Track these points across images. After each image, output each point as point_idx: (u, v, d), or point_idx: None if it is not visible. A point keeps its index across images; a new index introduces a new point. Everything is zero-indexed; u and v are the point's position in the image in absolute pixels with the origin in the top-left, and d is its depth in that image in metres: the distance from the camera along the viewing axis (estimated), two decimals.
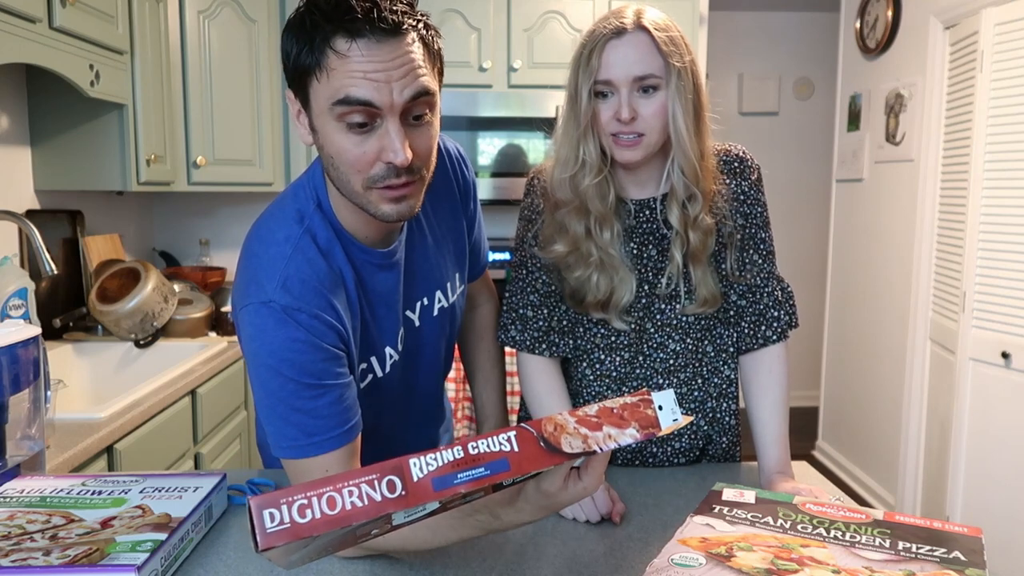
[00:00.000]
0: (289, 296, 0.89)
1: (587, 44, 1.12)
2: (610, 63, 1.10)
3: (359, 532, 0.66)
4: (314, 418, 0.90)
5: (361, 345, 1.00)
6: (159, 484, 1.03)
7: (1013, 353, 2.47)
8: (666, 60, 1.09)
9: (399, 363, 1.09)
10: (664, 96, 1.10)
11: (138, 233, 3.02)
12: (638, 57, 1.09)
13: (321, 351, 0.90)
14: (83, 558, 0.80)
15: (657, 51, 1.09)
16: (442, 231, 1.13)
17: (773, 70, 4.77)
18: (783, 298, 1.25)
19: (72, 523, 0.91)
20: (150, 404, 1.72)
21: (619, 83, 1.10)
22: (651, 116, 1.11)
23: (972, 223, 2.61)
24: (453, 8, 3.05)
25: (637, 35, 1.09)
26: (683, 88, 1.10)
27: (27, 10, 1.66)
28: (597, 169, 1.14)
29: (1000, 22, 2.51)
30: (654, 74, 1.09)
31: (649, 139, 1.12)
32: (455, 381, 2.80)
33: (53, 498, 0.98)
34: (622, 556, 0.93)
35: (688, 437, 1.27)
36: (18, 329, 1.09)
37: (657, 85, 1.10)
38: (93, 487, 1.02)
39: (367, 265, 0.99)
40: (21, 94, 2.21)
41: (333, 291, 0.94)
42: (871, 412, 3.49)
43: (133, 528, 0.88)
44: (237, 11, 2.77)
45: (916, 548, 0.83)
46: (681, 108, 1.11)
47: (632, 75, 1.09)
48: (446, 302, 1.15)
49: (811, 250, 4.76)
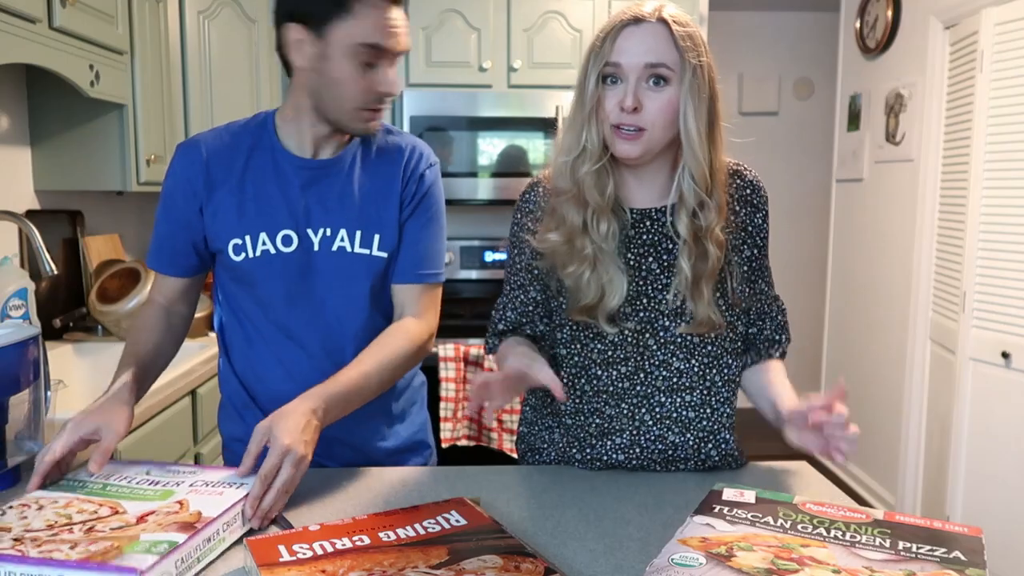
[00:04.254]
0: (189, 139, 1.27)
1: (604, 30, 1.11)
2: (622, 48, 1.08)
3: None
4: (154, 237, 1.29)
5: (237, 215, 1.23)
6: (211, 478, 1.02)
7: (1013, 353, 2.47)
8: (682, 54, 1.07)
9: (284, 271, 1.24)
10: (674, 92, 1.08)
11: (138, 233, 3.02)
12: (652, 45, 1.07)
13: (171, 178, 1.25)
14: (100, 556, 0.80)
15: (673, 43, 1.07)
16: (368, 191, 1.26)
17: (773, 70, 4.77)
18: (783, 320, 1.26)
19: (115, 515, 0.91)
20: (150, 404, 1.72)
21: (628, 69, 1.08)
22: (657, 110, 1.08)
23: (972, 223, 2.61)
24: (453, 8, 3.05)
25: (655, 25, 1.08)
26: (697, 87, 1.08)
27: (27, 10, 1.66)
28: (596, 157, 1.12)
29: (1000, 22, 2.51)
30: (666, 64, 1.07)
31: (651, 135, 1.10)
32: (455, 381, 2.80)
33: (114, 486, 0.99)
34: (622, 556, 0.92)
35: (694, 463, 1.23)
36: (18, 329, 1.09)
37: (668, 77, 1.07)
38: (154, 476, 1.03)
39: (272, 153, 1.24)
40: (21, 94, 2.21)
41: (222, 147, 1.24)
42: (871, 412, 3.49)
43: (162, 526, 0.88)
44: (237, 11, 2.77)
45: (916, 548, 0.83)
46: (693, 107, 1.08)
47: (644, 62, 1.07)
48: (347, 246, 1.24)
49: (811, 250, 4.76)
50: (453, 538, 0.89)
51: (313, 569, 0.81)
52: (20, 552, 0.81)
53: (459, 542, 0.88)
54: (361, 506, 1.05)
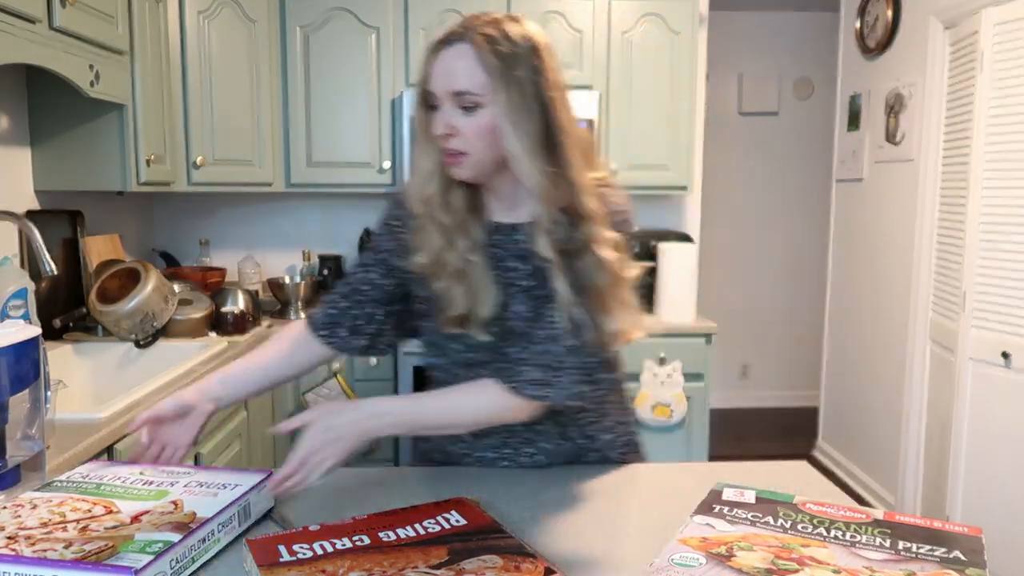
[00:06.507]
0: None
1: (428, 48, 1.08)
2: (431, 75, 1.06)
3: None
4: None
5: None
6: (205, 479, 1.03)
7: (1013, 353, 2.47)
8: (491, 76, 1.02)
9: None
10: (489, 114, 1.04)
11: (138, 233, 3.02)
12: (457, 70, 1.03)
13: None
14: (94, 555, 0.80)
15: (481, 65, 1.02)
16: None
17: (773, 70, 4.77)
18: (550, 366, 1.09)
19: (109, 514, 0.91)
20: (150, 404, 1.71)
21: (440, 96, 1.05)
22: (473, 135, 1.05)
23: (972, 223, 2.61)
24: (453, 8, 3.05)
25: (461, 47, 1.03)
26: (516, 105, 1.02)
27: (27, 10, 1.66)
28: (436, 177, 1.11)
29: (1000, 22, 2.51)
30: (471, 91, 1.03)
31: (475, 157, 1.07)
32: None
33: (108, 486, 1.00)
34: (622, 556, 0.93)
35: (568, 461, 1.23)
36: (18, 329, 1.09)
37: (478, 103, 1.04)
38: (149, 476, 1.04)
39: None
40: (21, 94, 2.21)
41: None
42: (871, 412, 3.49)
43: (157, 526, 0.88)
44: (237, 11, 2.77)
45: (916, 548, 0.83)
46: (512, 126, 1.03)
47: (450, 89, 1.04)
48: None
49: (811, 250, 4.75)
50: (453, 538, 0.89)
51: (313, 569, 0.81)
52: (14, 551, 0.81)
53: (459, 542, 0.88)
54: (361, 506, 1.05)
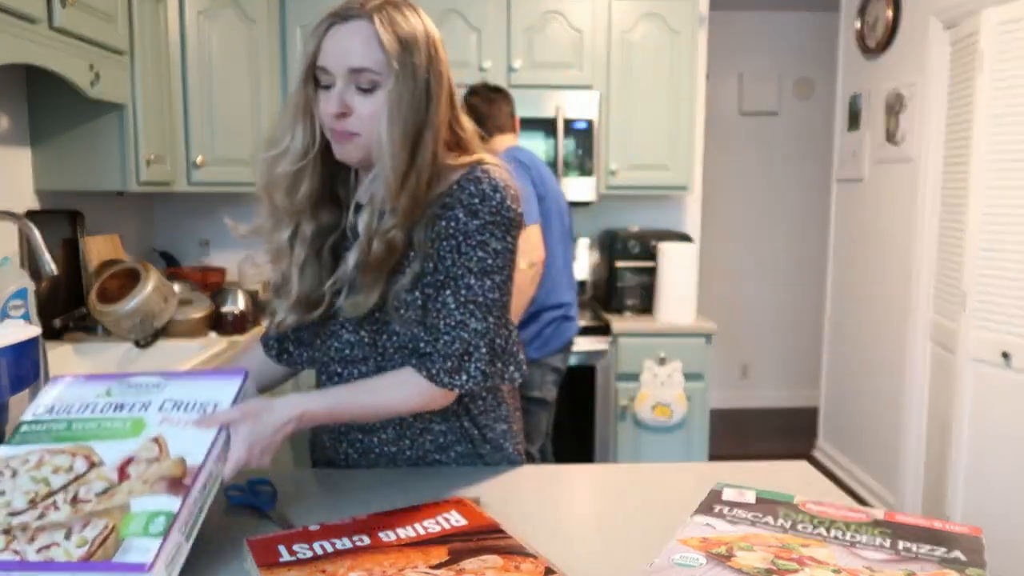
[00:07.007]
0: None
1: (317, 23, 1.04)
2: (327, 50, 1.02)
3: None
4: None
5: None
6: (178, 395, 0.98)
7: (1013, 353, 2.47)
8: (388, 57, 1.00)
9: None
10: (385, 96, 1.02)
11: (138, 233, 3.02)
12: (356, 47, 1.01)
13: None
14: (99, 544, 0.79)
15: (378, 45, 1.00)
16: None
17: (773, 70, 4.77)
18: (459, 353, 1.07)
19: (93, 468, 0.88)
20: None
21: (335, 72, 1.02)
22: (368, 116, 1.03)
23: (972, 223, 2.61)
24: (453, 8, 3.05)
25: (360, 24, 1.01)
26: (399, 93, 1.01)
27: (27, 10, 1.66)
28: (297, 157, 1.07)
29: (1000, 22, 2.50)
30: (371, 69, 1.01)
31: (367, 139, 1.04)
32: None
33: (79, 422, 0.95)
34: (622, 556, 0.92)
35: (456, 453, 1.20)
36: (18, 329, 1.09)
37: (376, 83, 1.02)
38: (117, 397, 0.98)
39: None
40: (21, 94, 2.21)
41: None
42: (871, 412, 3.49)
43: (148, 483, 0.85)
44: (237, 11, 2.77)
45: (916, 548, 0.83)
46: (389, 114, 1.02)
47: (348, 65, 1.01)
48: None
49: (811, 250, 4.75)
50: (453, 538, 0.89)
51: (313, 569, 0.81)
52: (16, 553, 0.81)
53: (459, 542, 0.88)
54: (361, 506, 1.05)
